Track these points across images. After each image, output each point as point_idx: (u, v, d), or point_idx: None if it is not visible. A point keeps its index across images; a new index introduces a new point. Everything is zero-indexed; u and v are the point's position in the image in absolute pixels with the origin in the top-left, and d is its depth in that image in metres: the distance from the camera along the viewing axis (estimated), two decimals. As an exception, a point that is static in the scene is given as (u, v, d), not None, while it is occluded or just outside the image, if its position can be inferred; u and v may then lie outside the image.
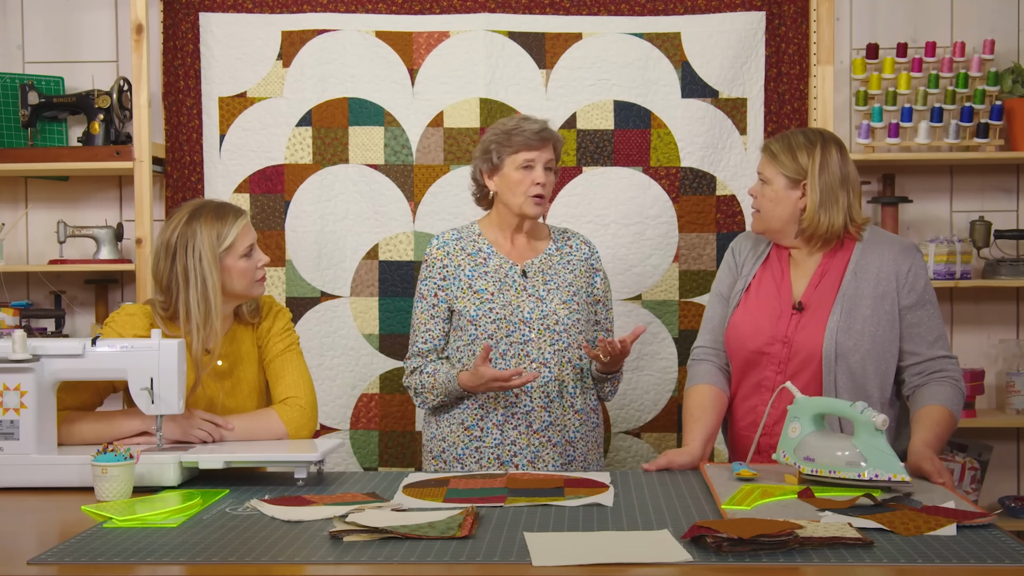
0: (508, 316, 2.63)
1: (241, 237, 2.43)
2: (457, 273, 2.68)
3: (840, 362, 2.37)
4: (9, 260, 3.66)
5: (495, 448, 2.63)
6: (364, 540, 1.74)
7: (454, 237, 2.75)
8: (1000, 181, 3.68)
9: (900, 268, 2.42)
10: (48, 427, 2.24)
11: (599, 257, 2.81)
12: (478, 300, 2.65)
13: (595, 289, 2.76)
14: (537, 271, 2.70)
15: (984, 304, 3.69)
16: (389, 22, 3.52)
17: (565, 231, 2.82)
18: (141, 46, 3.38)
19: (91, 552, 1.69)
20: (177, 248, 2.38)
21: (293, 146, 3.52)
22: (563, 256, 2.74)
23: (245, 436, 2.41)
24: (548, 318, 2.64)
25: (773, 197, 2.47)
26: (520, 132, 2.65)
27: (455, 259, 2.70)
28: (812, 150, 2.45)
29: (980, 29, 3.62)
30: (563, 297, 2.67)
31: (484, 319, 2.63)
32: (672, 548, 1.68)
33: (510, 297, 2.65)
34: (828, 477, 2.05)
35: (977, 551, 1.65)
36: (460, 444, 2.66)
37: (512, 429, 2.62)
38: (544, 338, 2.63)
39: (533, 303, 2.65)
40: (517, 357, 2.62)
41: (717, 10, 3.51)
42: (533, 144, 2.65)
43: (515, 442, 2.63)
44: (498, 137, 2.68)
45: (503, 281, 2.67)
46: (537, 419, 2.63)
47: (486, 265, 2.69)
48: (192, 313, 2.37)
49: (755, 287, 2.54)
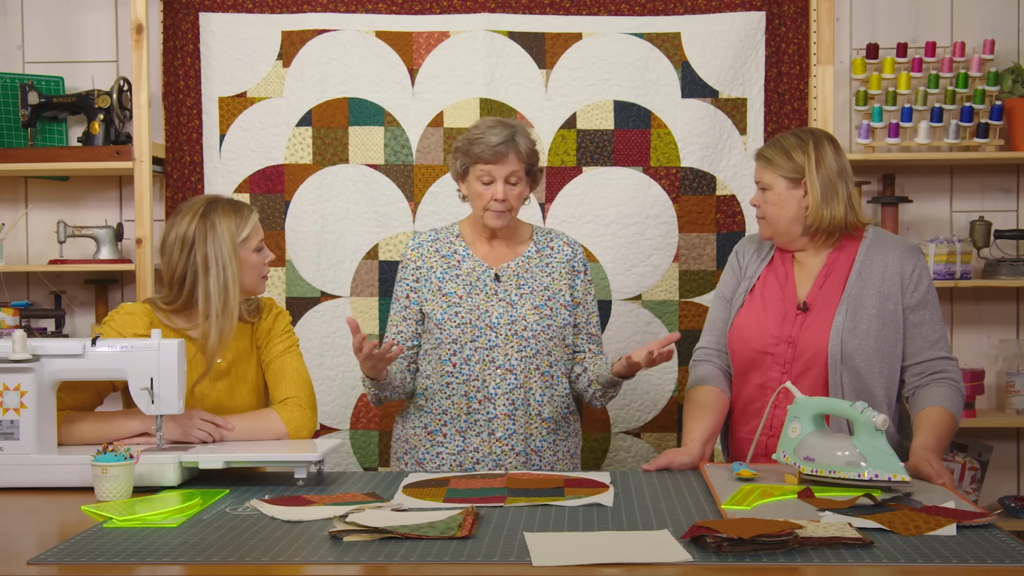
0: (474, 321, 2.59)
1: (255, 231, 2.48)
2: (429, 275, 2.66)
3: (845, 362, 2.38)
4: (9, 260, 3.66)
5: (457, 455, 2.60)
6: (364, 540, 1.74)
7: (431, 238, 2.71)
8: (1000, 181, 3.68)
9: (904, 268, 2.43)
10: (48, 427, 2.24)
11: (583, 259, 2.75)
12: (446, 303, 2.61)
13: (575, 291, 2.70)
14: (512, 275, 2.65)
15: (984, 304, 3.69)
16: (389, 22, 3.52)
17: (549, 232, 2.77)
18: (141, 46, 3.38)
19: (91, 552, 1.69)
20: (196, 238, 2.39)
21: (293, 146, 3.52)
22: (543, 259, 2.69)
23: (245, 436, 2.41)
24: (516, 323, 2.59)
25: (776, 201, 2.49)
26: (479, 144, 2.57)
27: (428, 261, 2.67)
28: (805, 147, 2.47)
29: (980, 29, 3.62)
30: (535, 302, 2.62)
31: (449, 323, 2.60)
32: (672, 548, 1.68)
33: (479, 301, 2.61)
34: (828, 477, 2.05)
35: (977, 551, 1.65)
36: (422, 447, 2.64)
37: (475, 436, 2.59)
38: (511, 344, 2.59)
39: (503, 308, 2.61)
40: (482, 363, 2.59)
41: (717, 10, 3.51)
42: (489, 159, 2.57)
43: (477, 449, 2.59)
44: (462, 145, 2.62)
45: (474, 285, 2.63)
46: (500, 427, 2.58)
47: (459, 268, 2.66)
48: (212, 301, 2.38)
49: (759, 288, 2.54)
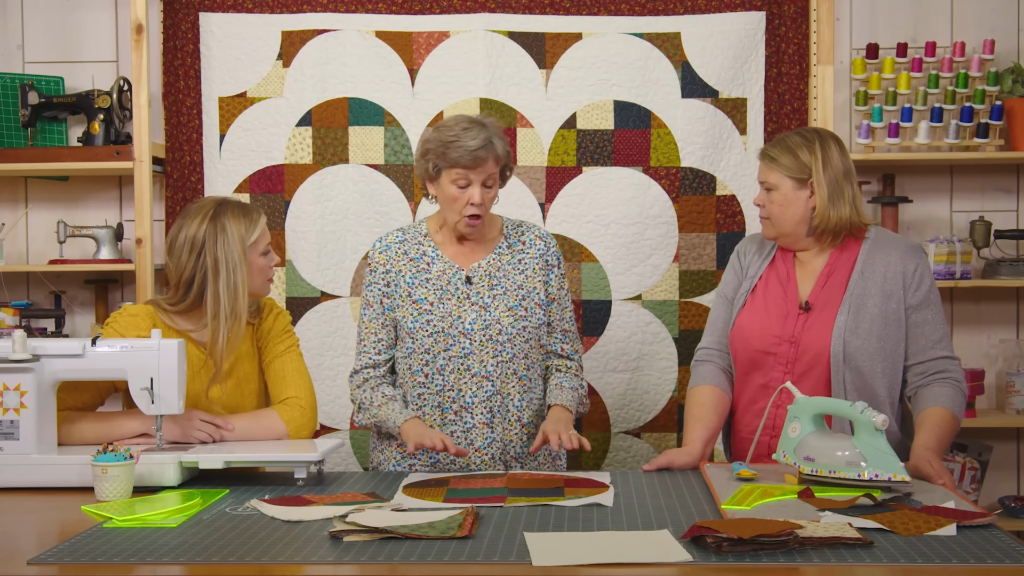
0: (447, 328, 2.47)
1: (263, 235, 2.48)
2: (398, 280, 2.54)
3: (848, 362, 2.37)
4: (9, 260, 3.66)
5: (431, 467, 2.52)
6: (364, 540, 1.74)
7: (398, 239, 2.58)
8: (1000, 181, 3.68)
9: (907, 267, 2.42)
10: (48, 427, 2.24)
11: (556, 252, 2.62)
12: (416, 311, 2.50)
13: (550, 287, 2.58)
14: (483, 275, 2.53)
15: (984, 304, 3.69)
16: (389, 22, 3.52)
17: (520, 224, 2.64)
18: (141, 46, 3.38)
19: (91, 552, 1.69)
20: (206, 240, 2.39)
21: (293, 146, 3.52)
22: (515, 255, 2.57)
23: (245, 436, 2.41)
24: (491, 328, 2.48)
25: (782, 201, 2.47)
26: (456, 147, 2.43)
27: (396, 264, 2.55)
28: (812, 147, 2.45)
29: (980, 29, 3.62)
30: (509, 303, 2.51)
31: (421, 332, 2.49)
32: (672, 548, 1.68)
33: (451, 307, 2.49)
34: (828, 477, 2.05)
35: (977, 551, 1.65)
36: (396, 457, 2.56)
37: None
38: (486, 349, 2.48)
39: (476, 312, 2.49)
40: (457, 372, 2.48)
41: (717, 10, 3.51)
42: (468, 164, 2.43)
43: (454, 461, 2.50)
44: (436, 147, 2.46)
45: (444, 289, 2.51)
46: (479, 436, 2.49)
47: (428, 271, 2.54)
48: (221, 303, 2.37)
49: (761, 288, 2.53)
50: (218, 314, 2.38)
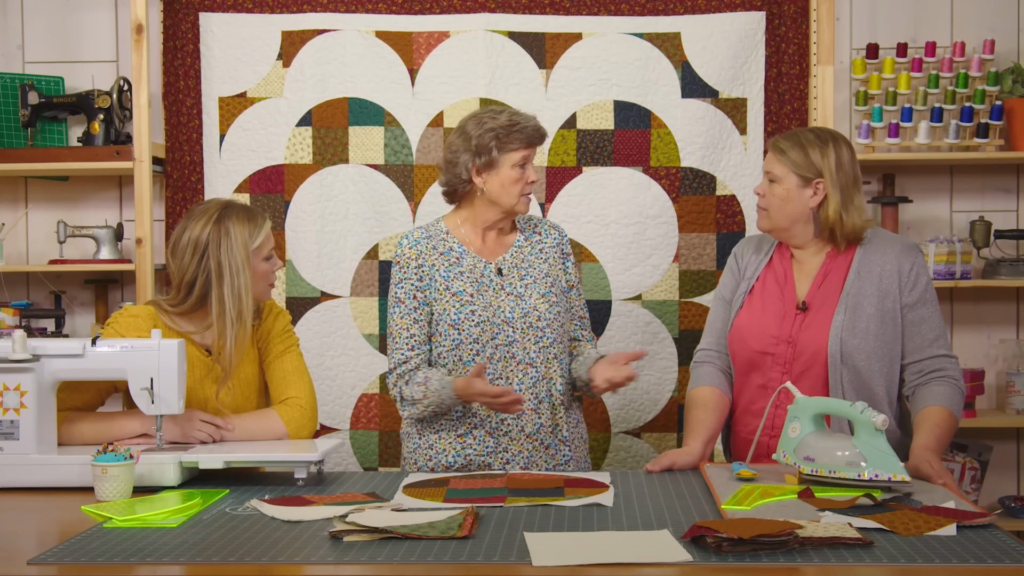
0: (491, 318, 2.54)
1: (267, 240, 2.46)
2: (432, 274, 2.58)
3: (845, 361, 2.37)
4: (9, 260, 3.66)
5: (487, 456, 2.55)
6: (364, 540, 1.74)
7: (423, 236, 2.62)
8: (1000, 181, 3.68)
9: (902, 266, 2.42)
10: (48, 427, 2.24)
11: (568, 241, 2.72)
12: (458, 303, 2.55)
13: (568, 275, 2.68)
14: (512, 267, 2.61)
15: (984, 304, 3.69)
16: (389, 22, 3.52)
17: (530, 219, 2.72)
18: (141, 46, 3.38)
19: (91, 552, 1.69)
20: (210, 244, 2.38)
21: (293, 146, 3.52)
22: (534, 246, 2.65)
23: (245, 436, 2.41)
24: (529, 315, 2.56)
25: (783, 196, 2.45)
26: (521, 129, 2.54)
27: (429, 259, 2.59)
28: (825, 149, 2.43)
29: (980, 29, 3.62)
30: (541, 291, 2.59)
31: (467, 322, 2.53)
32: (672, 548, 1.68)
33: (489, 298, 2.56)
34: (828, 477, 2.05)
35: (977, 551, 1.65)
36: (452, 451, 2.57)
37: (503, 435, 2.54)
38: (528, 337, 2.55)
39: (513, 302, 2.57)
40: (504, 360, 2.54)
41: (717, 10, 3.51)
42: (533, 140, 2.57)
43: (507, 448, 2.55)
44: (497, 132, 2.54)
45: (480, 281, 2.57)
46: (529, 423, 2.55)
47: (460, 265, 2.59)
48: (227, 308, 2.37)
49: (759, 289, 2.53)
50: (224, 319, 2.37)
